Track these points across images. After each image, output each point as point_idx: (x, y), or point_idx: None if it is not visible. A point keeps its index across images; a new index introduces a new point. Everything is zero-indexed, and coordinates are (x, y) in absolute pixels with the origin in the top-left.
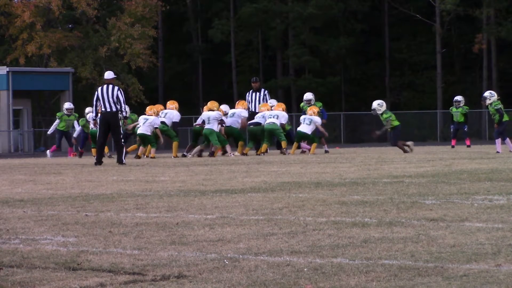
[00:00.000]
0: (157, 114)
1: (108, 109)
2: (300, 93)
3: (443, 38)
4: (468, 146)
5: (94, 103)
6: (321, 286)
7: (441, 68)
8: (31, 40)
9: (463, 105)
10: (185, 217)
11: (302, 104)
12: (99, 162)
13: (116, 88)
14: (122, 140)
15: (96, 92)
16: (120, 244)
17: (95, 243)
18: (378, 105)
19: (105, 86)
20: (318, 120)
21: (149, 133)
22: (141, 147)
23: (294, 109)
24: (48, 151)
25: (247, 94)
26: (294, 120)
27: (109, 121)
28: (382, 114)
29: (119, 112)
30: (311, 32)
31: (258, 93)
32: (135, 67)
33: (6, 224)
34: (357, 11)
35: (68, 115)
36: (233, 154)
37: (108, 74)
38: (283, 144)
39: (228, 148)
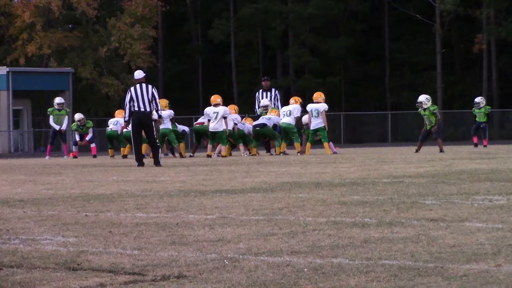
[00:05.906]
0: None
1: (142, 109)
2: (300, 93)
3: (443, 38)
4: (485, 146)
5: (128, 104)
6: (321, 286)
7: (441, 68)
8: (31, 40)
9: (486, 105)
10: (185, 217)
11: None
12: (141, 163)
13: (150, 86)
14: (157, 140)
15: (129, 93)
16: (120, 244)
17: (95, 243)
18: (426, 99)
19: (138, 86)
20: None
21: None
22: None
23: None
24: (47, 157)
25: (257, 93)
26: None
27: (142, 121)
28: (428, 108)
29: (155, 111)
30: (311, 32)
31: (268, 93)
32: (135, 67)
33: (6, 224)
34: (357, 11)
35: (59, 110)
36: (244, 154)
37: (139, 74)
38: (297, 146)
39: (241, 147)
